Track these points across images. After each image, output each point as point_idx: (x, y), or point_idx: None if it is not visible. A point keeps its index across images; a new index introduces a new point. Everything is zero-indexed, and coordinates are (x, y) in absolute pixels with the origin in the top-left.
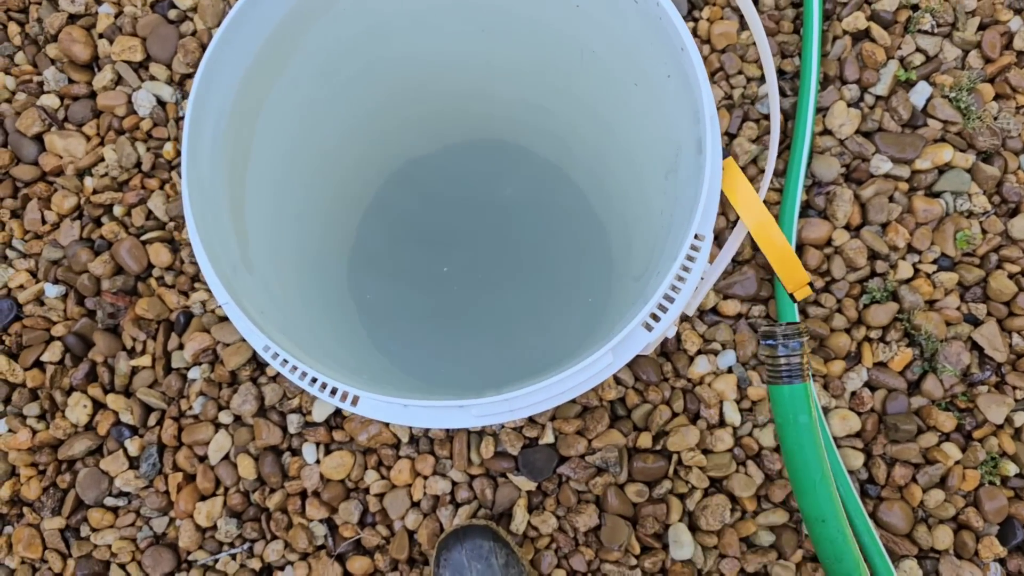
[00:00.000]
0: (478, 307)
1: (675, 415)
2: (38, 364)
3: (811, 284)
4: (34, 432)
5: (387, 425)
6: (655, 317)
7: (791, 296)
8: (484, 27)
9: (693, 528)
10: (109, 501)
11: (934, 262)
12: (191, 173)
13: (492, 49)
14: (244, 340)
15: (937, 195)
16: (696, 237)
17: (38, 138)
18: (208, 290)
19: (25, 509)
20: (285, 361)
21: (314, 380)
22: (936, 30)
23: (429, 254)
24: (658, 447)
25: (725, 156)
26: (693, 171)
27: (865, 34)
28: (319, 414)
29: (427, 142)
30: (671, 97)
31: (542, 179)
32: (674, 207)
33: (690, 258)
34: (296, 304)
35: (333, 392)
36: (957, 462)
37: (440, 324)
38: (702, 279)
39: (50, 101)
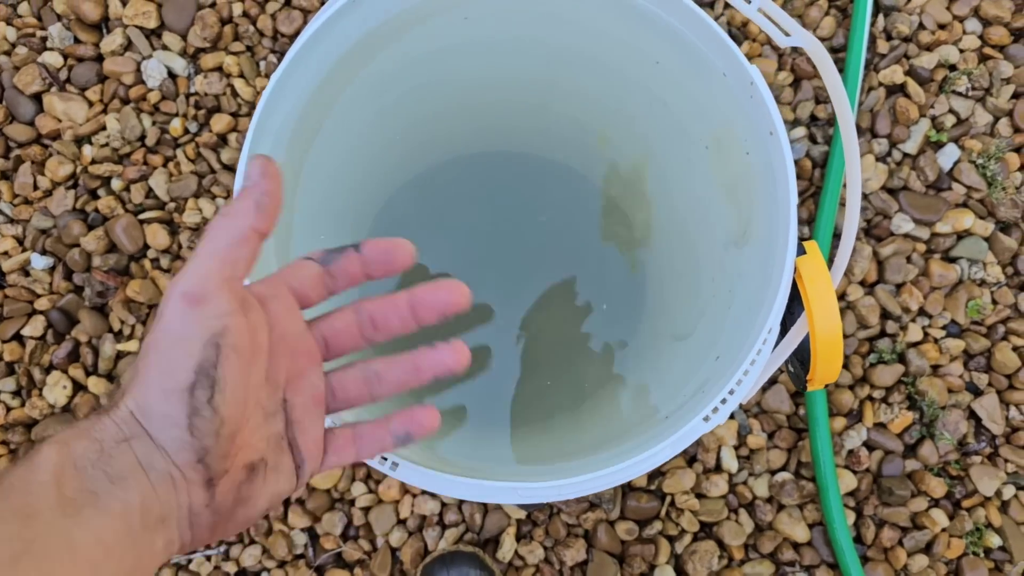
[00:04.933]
0: (499, 339)
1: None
2: (17, 337)
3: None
4: (8, 409)
5: None
6: (714, 409)
7: (804, 383)
8: (552, 59)
9: (679, 571)
10: None
11: (943, 328)
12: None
13: (555, 78)
14: None
15: (954, 260)
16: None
17: (36, 97)
18: None
19: None
20: None
21: None
22: (970, 93)
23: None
24: (652, 487)
25: (800, 251)
26: (764, 255)
27: (900, 89)
28: None
29: (474, 145)
30: (747, 172)
31: (587, 209)
32: (734, 282)
33: (757, 351)
34: None
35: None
36: (944, 529)
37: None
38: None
39: (53, 59)
